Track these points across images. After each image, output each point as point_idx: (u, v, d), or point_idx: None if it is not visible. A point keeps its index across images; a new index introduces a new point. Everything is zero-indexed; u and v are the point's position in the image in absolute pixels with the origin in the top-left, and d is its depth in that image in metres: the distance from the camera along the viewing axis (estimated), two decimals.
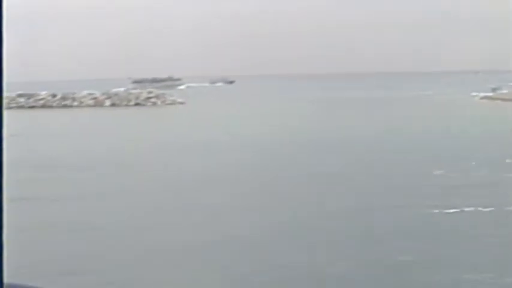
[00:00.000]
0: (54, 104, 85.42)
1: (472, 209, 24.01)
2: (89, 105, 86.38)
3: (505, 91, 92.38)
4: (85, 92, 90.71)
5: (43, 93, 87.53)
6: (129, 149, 41.84)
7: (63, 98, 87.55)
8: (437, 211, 23.77)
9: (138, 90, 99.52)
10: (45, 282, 15.65)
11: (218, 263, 18.76)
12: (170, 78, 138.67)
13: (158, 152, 40.73)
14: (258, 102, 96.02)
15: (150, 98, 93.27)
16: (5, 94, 1.26)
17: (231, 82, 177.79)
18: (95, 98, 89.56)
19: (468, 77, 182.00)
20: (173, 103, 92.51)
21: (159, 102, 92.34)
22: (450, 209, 23.90)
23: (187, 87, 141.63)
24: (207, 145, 42.64)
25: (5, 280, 1.46)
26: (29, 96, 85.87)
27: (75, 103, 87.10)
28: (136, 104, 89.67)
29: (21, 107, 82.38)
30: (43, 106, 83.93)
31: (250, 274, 17.71)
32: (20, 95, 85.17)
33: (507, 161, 32.74)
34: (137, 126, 58.56)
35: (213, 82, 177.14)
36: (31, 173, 31.68)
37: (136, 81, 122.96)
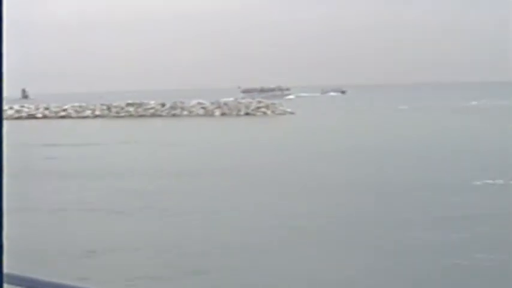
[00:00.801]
0: (164, 113, 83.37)
1: None
2: (198, 115, 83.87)
3: None
4: (194, 102, 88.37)
5: (152, 103, 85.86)
6: (258, 158, 37.93)
7: (172, 107, 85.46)
8: None
9: (247, 100, 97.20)
10: None
11: None
12: (279, 88, 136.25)
13: (289, 161, 36.37)
14: (375, 111, 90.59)
15: (260, 107, 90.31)
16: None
17: (343, 92, 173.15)
18: (204, 108, 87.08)
19: None
20: (283, 113, 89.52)
21: (269, 112, 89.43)
22: None
23: (297, 97, 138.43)
24: (335, 155, 38.06)
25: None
26: (138, 105, 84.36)
27: (185, 112, 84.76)
28: (246, 114, 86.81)
29: (131, 115, 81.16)
30: (152, 115, 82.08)
31: None
32: (129, 104, 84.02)
33: None
34: (255, 136, 54.80)
35: (324, 92, 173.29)
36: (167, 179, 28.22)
37: (245, 91, 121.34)
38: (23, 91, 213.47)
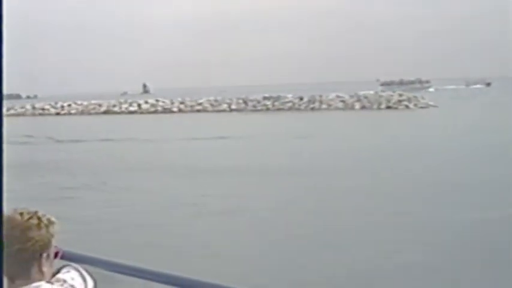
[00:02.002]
0: (302, 107, 79.37)
1: None
2: (337, 108, 79.22)
3: None
4: (333, 95, 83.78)
5: (289, 96, 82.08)
6: (413, 155, 32.70)
7: (310, 101, 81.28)
8: None
9: (387, 93, 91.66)
10: None
11: None
12: (418, 81, 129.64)
13: (450, 160, 30.89)
14: None
15: (402, 101, 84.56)
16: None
17: (488, 84, 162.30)
18: (343, 101, 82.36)
19: None
20: (426, 106, 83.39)
21: (411, 105, 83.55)
22: None
23: (437, 89, 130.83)
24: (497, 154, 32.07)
25: None
26: (275, 99, 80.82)
27: (323, 106, 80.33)
28: (388, 107, 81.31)
29: (268, 109, 77.81)
30: (290, 109, 78.29)
31: None
32: (266, 98, 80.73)
33: None
34: (402, 130, 49.41)
35: (468, 84, 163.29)
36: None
37: (384, 84, 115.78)
38: (144, 86, 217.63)
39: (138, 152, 36.52)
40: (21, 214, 2.57)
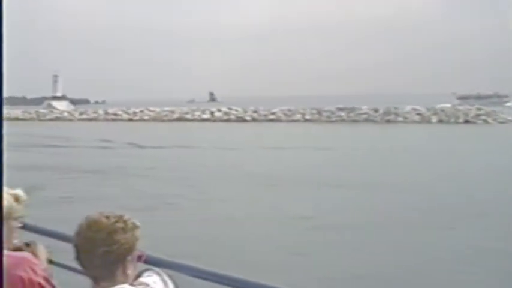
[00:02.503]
0: (377, 119, 77.38)
1: None
2: (414, 121, 76.93)
3: None
4: (409, 107, 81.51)
5: (364, 108, 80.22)
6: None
7: (386, 113, 79.24)
8: None
9: (465, 107, 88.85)
10: None
11: None
12: (496, 95, 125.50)
13: None
14: None
15: (480, 115, 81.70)
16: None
17: None
18: (420, 114, 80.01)
19: None
20: (505, 121, 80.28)
21: (490, 120, 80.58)
22: None
23: None
24: None
25: None
26: (349, 110, 79.12)
27: (399, 118, 78.17)
28: (466, 122, 78.53)
29: (343, 120, 76.19)
30: (365, 120, 76.46)
31: None
32: (340, 109, 79.15)
33: None
34: (488, 147, 47.04)
35: None
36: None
37: (460, 97, 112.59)
38: (211, 94, 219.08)
39: (222, 160, 35.52)
40: (107, 217, 2.62)
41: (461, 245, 15.57)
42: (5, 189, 2.80)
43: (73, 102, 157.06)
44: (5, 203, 3.02)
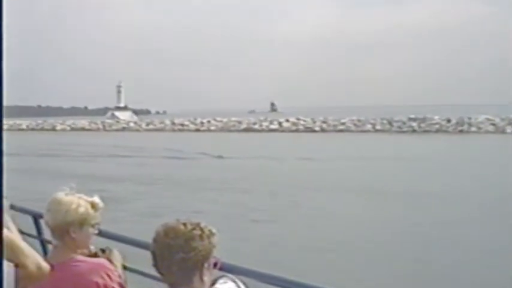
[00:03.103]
0: (450, 130, 75.12)
1: None
2: (487, 132, 74.35)
3: None
4: (482, 117, 78.92)
5: (436, 118, 78.02)
6: None
7: (459, 123, 76.89)
8: None
9: None
10: None
11: None
12: None
13: None
14: None
15: None
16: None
17: None
18: (494, 124, 77.31)
19: None
20: None
21: None
22: None
23: None
24: None
25: None
26: (421, 120, 77.03)
27: (473, 129, 75.68)
28: None
29: (414, 131, 74.17)
30: (437, 131, 74.27)
31: None
32: (412, 119, 77.17)
33: None
34: None
35: None
36: None
37: None
38: (272, 104, 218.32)
39: (308, 171, 34.37)
40: (184, 224, 2.67)
41: None
42: (82, 196, 3.26)
43: (135, 112, 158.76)
44: (82, 209, 3.28)
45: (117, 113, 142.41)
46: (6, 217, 3.23)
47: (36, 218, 5.12)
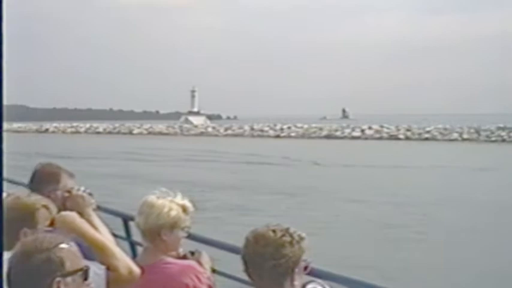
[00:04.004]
0: None
1: None
2: None
3: None
4: None
5: None
6: None
7: None
8: None
9: None
10: None
11: None
12: None
13: None
14: None
15: None
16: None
17: None
18: None
19: None
20: None
21: None
22: None
23: None
24: None
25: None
26: (510, 129, 74.24)
27: None
28: None
29: (503, 140, 71.38)
30: None
31: None
32: (501, 128, 74.48)
33: None
34: None
35: None
36: None
37: None
38: (343, 111, 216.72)
39: (411, 180, 33.02)
40: (273, 231, 2.70)
41: None
42: (174, 199, 3.46)
43: (209, 117, 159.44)
44: (173, 213, 3.40)
45: (190, 118, 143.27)
46: (97, 219, 3.51)
47: (126, 220, 5.28)
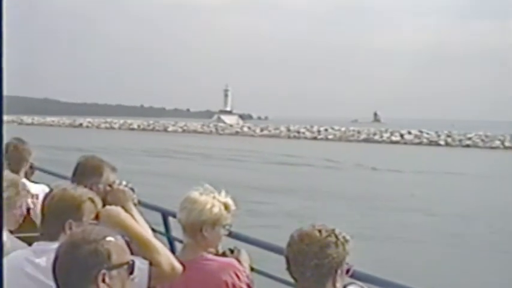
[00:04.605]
0: None
1: None
2: None
3: None
4: None
5: None
6: None
7: None
8: None
9: None
10: None
11: None
12: None
13: None
14: None
15: None
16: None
17: None
18: None
19: None
20: None
21: None
22: None
23: None
24: None
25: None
26: None
27: None
28: None
29: None
30: None
31: None
32: None
33: None
34: None
35: None
36: None
37: None
38: (375, 114, 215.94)
39: (476, 191, 32.03)
40: (319, 231, 2.70)
41: None
42: (216, 196, 3.44)
43: (241, 117, 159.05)
44: (216, 210, 3.38)
45: (223, 117, 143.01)
46: (138, 214, 3.52)
47: (165, 215, 5.32)
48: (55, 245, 2.48)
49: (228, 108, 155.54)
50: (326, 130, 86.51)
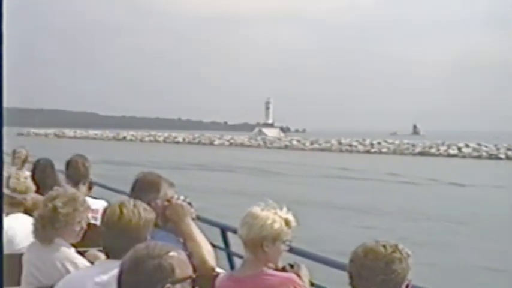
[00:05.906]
0: None
1: None
2: None
3: None
4: None
5: None
6: None
7: None
8: None
9: None
10: None
11: None
12: None
13: None
14: None
15: None
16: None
17: None
18: None
19: None
20: None
21: None
22: None
23: None
24: None
25: None
26: None
27: None
28: None
29: None
30: None
31: None
32: None
33: None
34: None
35: None
36: None
37: None
38: (414, 127, 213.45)
39: None
40: (384, 246, 2.70)
41: None
42: (277, 212, 3.48)
43: (282, 129, 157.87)
44: (276, 225, 3.41)
45: (264, 130, 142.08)
46: (196, 228, 3.76)
47: (224, 230, 5.33)
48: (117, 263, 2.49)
49: (270, 121, 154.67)
50: (379, 143, 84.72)
